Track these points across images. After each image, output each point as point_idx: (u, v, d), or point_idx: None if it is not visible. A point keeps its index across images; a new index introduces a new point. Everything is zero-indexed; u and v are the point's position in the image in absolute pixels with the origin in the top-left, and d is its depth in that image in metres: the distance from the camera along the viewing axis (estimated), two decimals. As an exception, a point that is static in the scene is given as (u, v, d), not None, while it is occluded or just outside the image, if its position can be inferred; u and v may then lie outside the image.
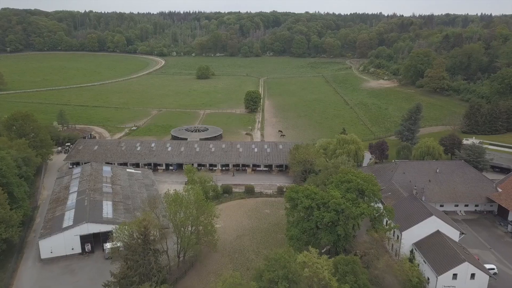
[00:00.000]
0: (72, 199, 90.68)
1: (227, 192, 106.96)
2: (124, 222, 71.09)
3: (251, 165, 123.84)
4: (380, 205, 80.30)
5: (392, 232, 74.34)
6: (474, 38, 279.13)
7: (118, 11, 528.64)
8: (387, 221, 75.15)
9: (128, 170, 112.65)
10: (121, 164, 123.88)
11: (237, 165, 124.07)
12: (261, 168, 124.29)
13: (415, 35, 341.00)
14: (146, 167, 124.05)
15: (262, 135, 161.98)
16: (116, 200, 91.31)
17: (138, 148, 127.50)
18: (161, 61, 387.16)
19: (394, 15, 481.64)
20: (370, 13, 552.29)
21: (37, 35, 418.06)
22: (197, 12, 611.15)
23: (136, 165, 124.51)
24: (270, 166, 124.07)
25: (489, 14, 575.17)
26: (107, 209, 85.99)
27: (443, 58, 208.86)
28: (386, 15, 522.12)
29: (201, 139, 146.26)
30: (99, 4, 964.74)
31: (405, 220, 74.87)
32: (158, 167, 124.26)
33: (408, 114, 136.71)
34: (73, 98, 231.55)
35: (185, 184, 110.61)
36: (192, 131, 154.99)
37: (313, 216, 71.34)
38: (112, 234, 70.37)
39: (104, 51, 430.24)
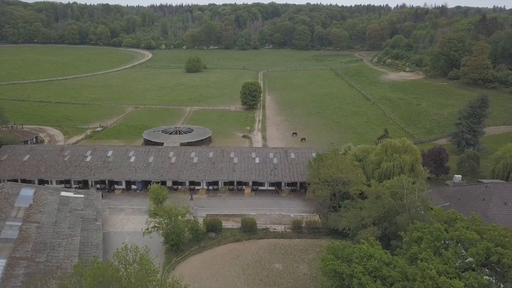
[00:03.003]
0: None
1: (213, 229, 68.19)
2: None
3: (250, 183, 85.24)
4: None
5: None
6: (505, 25, 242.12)
7: (104, 3, 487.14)
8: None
9: (62, 193, 73.34)
10: (62, 182, 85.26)
11: (231, 183, 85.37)
12: (264, 187, 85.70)
13: (432, 25, 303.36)
14: (98, 186, 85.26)
15: (264, 138, 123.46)
16: (17, 256, 52.19)
17: (88, 158, 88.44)
18: (148, 54, 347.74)
19: (403, 6, 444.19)
20: (376, 5, 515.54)
21: (11, 26, 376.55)
22: (190, 5, 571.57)
23: (84, 184, 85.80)
24: (278, 184, 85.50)
25: (502, 7, 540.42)
26: (-10, 277, 46.96)
27: (484, 43, 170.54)
28: (393, 7, 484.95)
29: (182, 144, 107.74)
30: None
31: None
32: (116, 186, 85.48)
33: (470, 109, 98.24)
34: (36, 93, 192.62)
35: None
36: (171, 133, 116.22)
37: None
38: None
39: (86, 44, 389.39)
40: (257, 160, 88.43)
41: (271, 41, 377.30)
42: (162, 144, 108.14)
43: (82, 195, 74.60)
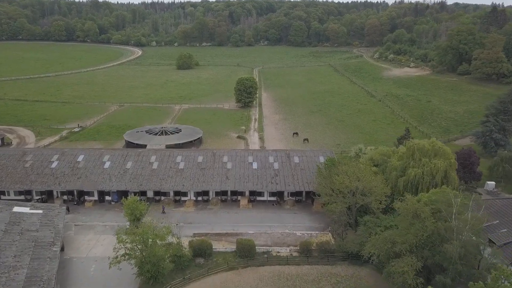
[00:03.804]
0: None
1: (202, 254, 54.81)
2: None
3: (247, 193, 71.76)
4: None
5: None
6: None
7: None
8: None
9: (15, 209, 59.38)
10: (21, 193, 71.21)
11: (224, 193, 71.81)
12: (264, 198, 72.28)
13: (433, 20, 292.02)
14: (65, 197, 71.37)
15: (261, 138, 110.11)
16: None
17: (54, 164, 74.45)
18: (138, 51, 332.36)
19: (402, 1, 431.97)
20: (374, 1, 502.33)
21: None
22: (182, 1, 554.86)
23: (49, 195, 71.86)
24: (280, 194, 72.11)
25: (500, 4, 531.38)
26: None
27: (498, 35, 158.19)
28: (390, 3, 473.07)
29: (168, 147, 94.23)
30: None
31: None
32: (86, 198, 71.61)
33: (499, 105, 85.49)
34: (14, 91, 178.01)
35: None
36: (156, 134, 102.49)
37: None
38: None
39: (73, 41, 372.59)
40: (254, 165, 74.93)
41: (266, 37, 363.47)
42: (145, 146, 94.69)
43: (40, 211, 60.62)
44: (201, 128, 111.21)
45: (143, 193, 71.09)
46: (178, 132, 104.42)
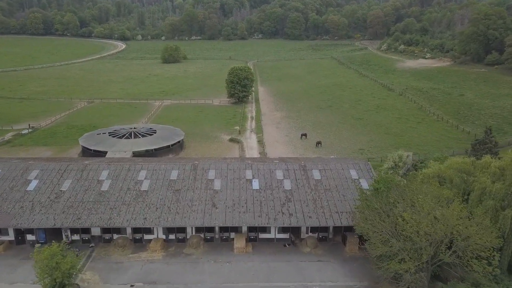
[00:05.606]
0: None
1: None
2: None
3: (244, 228, 46.92)
4: None
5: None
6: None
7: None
8: None
9: None
10: None
11: (209, 229, 46.82)
12: (270, 235, 47.52)
13: (441, 9, 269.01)
14: (-38, 237, 46.07)
15: (260, 142, 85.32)
16: None
17: (-48, 185, 48.97)
18: (121, 45, 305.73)
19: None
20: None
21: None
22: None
23: None
24: (294, 231, 47.35)
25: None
26: None
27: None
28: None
29: (135, 154, 69.37)
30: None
31: None
32: (-3, 238, 46.46)
33: None
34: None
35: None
36: (122, 137, 77.09)
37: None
38: None
39: (51, 35, 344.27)
40: (255, 184, 50.05)
41: (261, 30, 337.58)
42: (105, 154, 69.66)
43: None
44: (183, 129, 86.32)
45: (86, 230, 46.21)
46: (152, 134, 79.21)
